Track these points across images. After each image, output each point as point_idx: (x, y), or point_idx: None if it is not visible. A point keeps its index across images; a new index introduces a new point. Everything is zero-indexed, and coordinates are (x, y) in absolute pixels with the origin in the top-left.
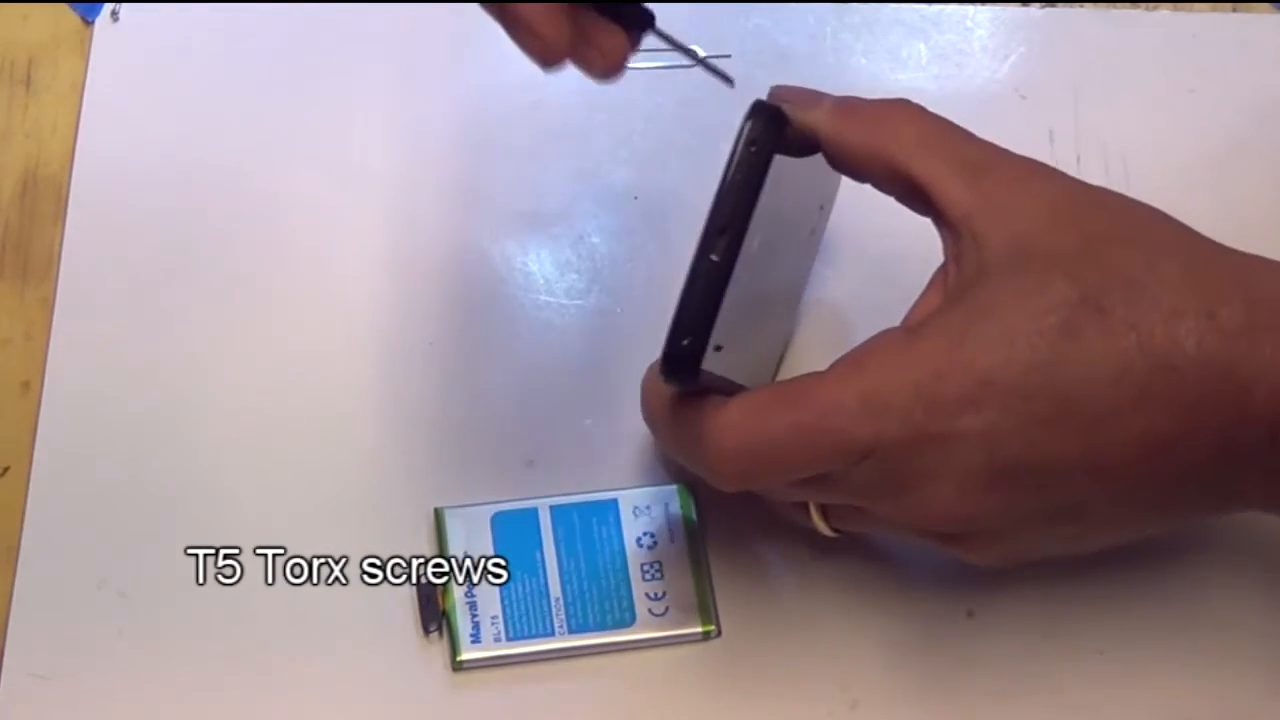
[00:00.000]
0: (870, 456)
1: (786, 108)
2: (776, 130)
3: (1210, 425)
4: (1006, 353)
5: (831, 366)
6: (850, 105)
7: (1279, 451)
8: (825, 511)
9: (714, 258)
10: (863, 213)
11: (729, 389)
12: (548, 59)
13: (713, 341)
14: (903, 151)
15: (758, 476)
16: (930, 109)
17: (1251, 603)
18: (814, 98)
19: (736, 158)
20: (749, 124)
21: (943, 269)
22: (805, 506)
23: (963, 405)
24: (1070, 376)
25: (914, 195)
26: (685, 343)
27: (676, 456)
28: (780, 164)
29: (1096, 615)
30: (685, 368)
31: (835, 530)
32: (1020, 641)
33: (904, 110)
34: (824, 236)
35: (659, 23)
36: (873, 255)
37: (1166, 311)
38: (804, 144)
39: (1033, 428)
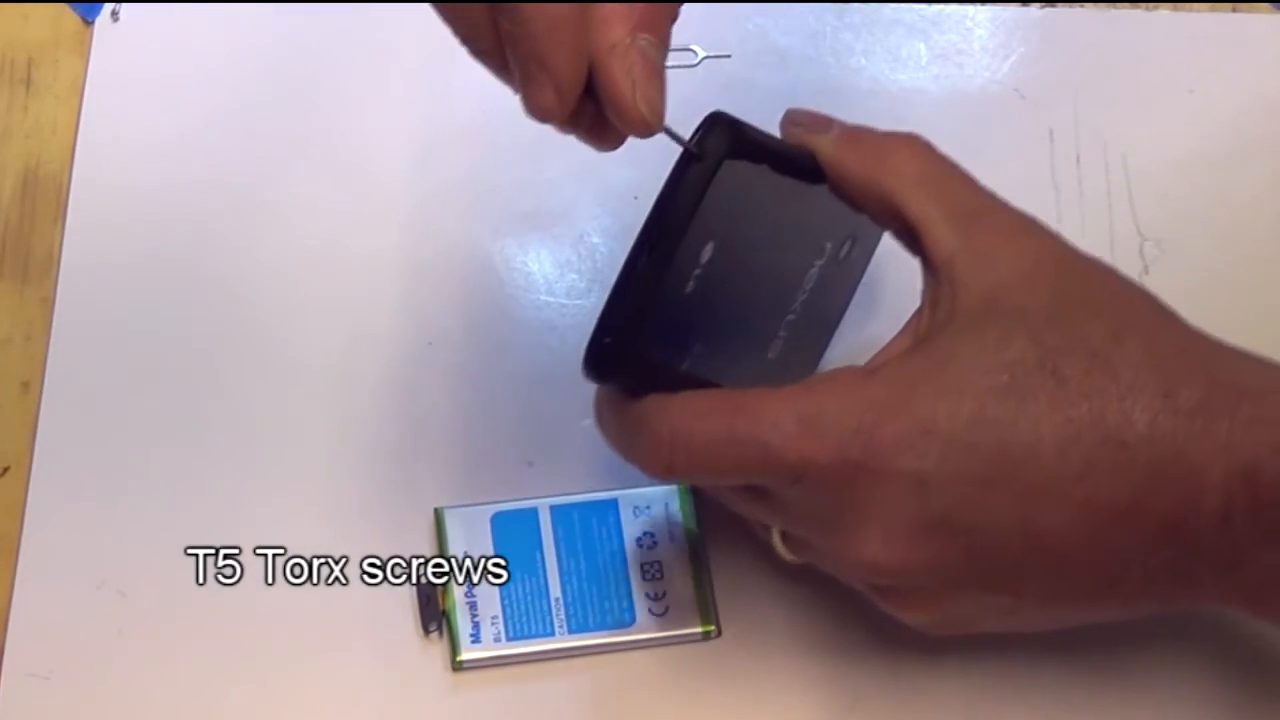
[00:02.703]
0: (801, 480)
1: (794, 130)
2: (724, 142)
3: (1156, 508)
4: (954, 404)
5: (785, 387)
6: (856, 134)
7: (1233, 540)
8: (784, 535)
9: (641, 262)
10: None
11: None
12: (558, 100)
13: (660, 340)
14: (899, 188)
15: (683, 470)
16: (930, 110)
17: None
18: (824, 123)
19: (675, 168)
20: (697, 134)
21: (918, 313)
22: (769, 526)
23: (900, 447)
24: (1015, 438)
25: (907, 233)
26: (606, 341)
27: (615, 445)
28: (753, 179)
29: None
30: (605, 366)
31: (793, 555)
32: (1020, 642)
33: (908, 146)
34: (866, 275)
35: None
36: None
37: (1124, 386)
38: (808, 169)
39: (969, 484)
